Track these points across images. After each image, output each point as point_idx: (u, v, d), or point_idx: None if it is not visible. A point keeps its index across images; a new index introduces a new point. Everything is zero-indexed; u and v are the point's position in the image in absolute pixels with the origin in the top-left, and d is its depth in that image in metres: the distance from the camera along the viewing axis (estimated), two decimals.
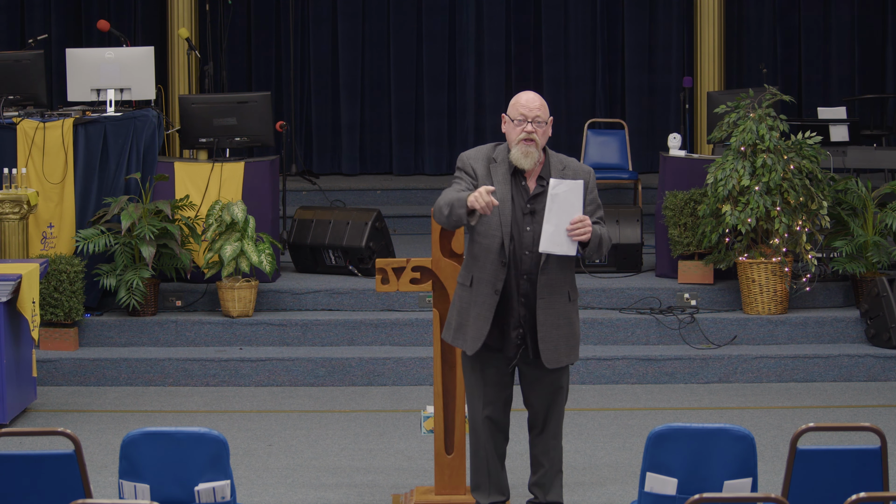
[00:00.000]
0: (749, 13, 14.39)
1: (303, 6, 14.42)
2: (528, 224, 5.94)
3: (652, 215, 11.27)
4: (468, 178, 6.00)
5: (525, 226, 5.95)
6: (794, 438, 4.92)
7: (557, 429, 6.16)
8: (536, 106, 5.98)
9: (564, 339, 6.02)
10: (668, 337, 9.86)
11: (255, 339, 9.87)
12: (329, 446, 8.07)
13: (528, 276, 5.95)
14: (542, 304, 5.94)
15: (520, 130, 5.95)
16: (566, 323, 6.02)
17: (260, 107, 10.65)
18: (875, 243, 10.03)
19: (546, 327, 5.96)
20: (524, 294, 5.96)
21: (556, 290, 5.96)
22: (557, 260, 5.92)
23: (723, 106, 10.10)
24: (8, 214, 9.55)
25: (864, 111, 14.13)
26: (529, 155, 5.94)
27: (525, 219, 5.95)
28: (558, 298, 5.98)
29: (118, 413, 8.87)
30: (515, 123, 5.97)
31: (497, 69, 14.43)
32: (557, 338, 5.99)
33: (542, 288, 5.94)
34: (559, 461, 6.20)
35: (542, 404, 6.13)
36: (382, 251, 10.54)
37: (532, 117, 5.95)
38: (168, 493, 5.03)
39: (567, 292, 6.02)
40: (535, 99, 6.00)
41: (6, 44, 13.88)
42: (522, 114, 5.96)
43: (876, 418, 8.50)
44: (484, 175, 5.98)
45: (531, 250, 5.93)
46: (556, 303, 5.97)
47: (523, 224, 5.95)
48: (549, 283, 5.94)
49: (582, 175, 6.02)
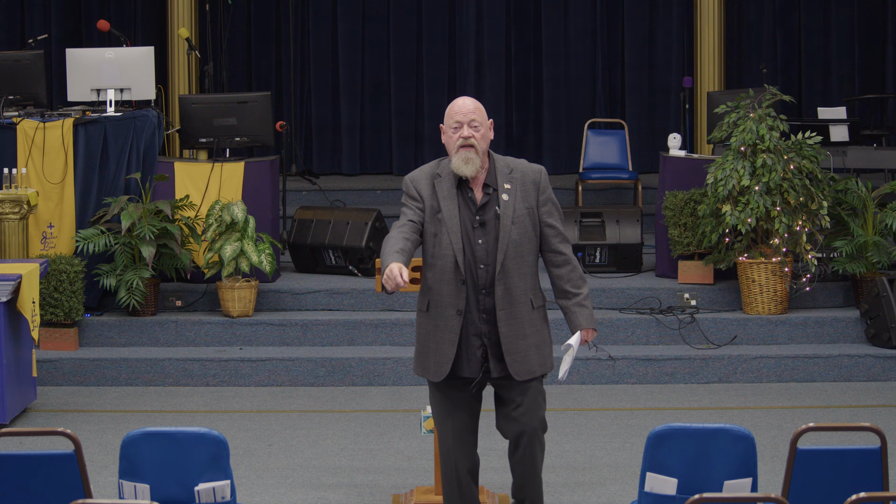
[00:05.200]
0: (749, 13, 14.39)
1: (303, 6, 14.42)
2: (480, 237, 5.71)
3: (652, 215, 11.27)
4: (414, 202, 5.77)
5: (476, 239, 5.71)
6: (794, 438, 4.92)
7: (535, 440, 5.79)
8: (470, 109, 5.73)
9: (535, 347, 5.77)
10: (668, 337, 9.86)
11: (255, 339, 9.87)
12: (329, 446, 8.07)
13: (485, 290, 5.71)
14: (503, 315, 5.70)
15: (457, 137, 5.70)
16: (533, 332, 5.77)
17: (260, 107, 10.65)
18: (875, 243, 10.03)
19: (510, 339, 5.71)
20: (484, 310, 5.73)
21: (517, 299, 5.72)
22: (515, 268, 5.72)
23: (723, 106, 10.11)
24: (8, 214, 9.55)
25: (864, 111, 14.13)
26: (470, 161, 5.69)
27: (476, 232, 5.72)
28: (520, 308, 5.73)
29: (118, 413, 8.87)
30: (452, 132, 5.73)
31: (497, 69, 14.43)
32: (526, 348, 5.74)
33: (500, 299, 5.70)
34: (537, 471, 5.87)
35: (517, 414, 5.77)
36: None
37: (467, 122, 5.70)
38: (168, 493, 5.03)
39: (529, 300, 5.76)
40: (469, 102, 5.76)
41: (6, 44, 13.88)
42: (457, 120, 5.71)
43: (876, 418, 8.50)
44: (429, 195, 5.75)
45: (485, 263, 5.70)
46: (518, 313, 5.73)
47: (474, 238, 5.71)
48: (507, 294, 5.70)
49: (532, 175, 5.81)
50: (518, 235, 5.74)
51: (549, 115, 14.40)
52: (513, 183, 5.77)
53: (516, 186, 5.78)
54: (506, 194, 5.75)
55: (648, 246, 10.99)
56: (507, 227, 5.72)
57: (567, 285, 5.84)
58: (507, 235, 5.72)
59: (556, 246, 5.84)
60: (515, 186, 5.78)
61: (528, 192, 5.79)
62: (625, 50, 14.46)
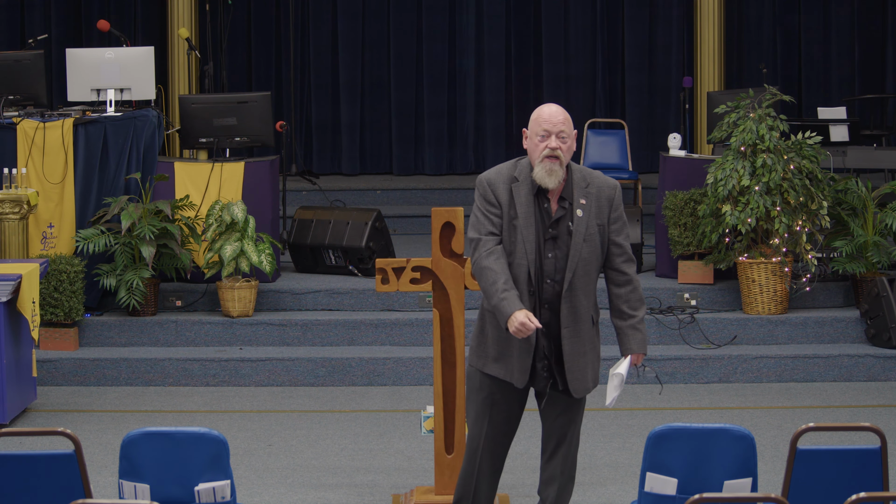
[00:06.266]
0: (749, 13, 14.40)
1: (303, 6, 14.42)
2: (550, 251, 5.60)
3: (652, 215, 11.26)
4: (492, 209, 5.62)
5: (546, 252, 5.60)
6: (794, 438, 4.92)
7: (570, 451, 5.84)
8: (560, 120, 5.60)
9: (591, 364, 5.73)
10: (668, 337, 9.86)
11: (255, 339, 9.87)
12: (329, 446, 8.07)
13: (549, 304, 5.62)
14: (567, 333, 5.63)
15: (543, 147, 5.57)
16: (591, 349, 5.72)
17: (260, 107, 10.65)
18: (875, 243, 10.03)
19: (573, 357, 5.64)
20: (545, 324, 5.61)
21: (580, 317, 5.64)
22: (581, 286, 5.63)
23: (723, 106, 10.10)
24: (8, 214, 9.55)
25: (864, 111, 14.14)
26: (554, 173, 5.57)
27: (547, 245, 5.60)
28: (583, 326, 5.65)
29: (118, 413, 8.87)
30: (538, 140, 5.59)
31: (497, 69, 14.43)
32: (584, 365, 5.69)
33: (565, 317, 5.61)
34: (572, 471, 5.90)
35: (558, 427, 5.81)
36: (382, 251, 10.54)
37: (556, 132, 5.57)
38: (168, 493, 5.03)
39: (591, 317, 5.69)
40: (559, 113, 5.63)
41: (6, 44, 13.88)
42: (545, 129, 5.58)
43: (876, 418, 8.50)
44: (507, 201, 5.61)
45: (553, 278, 5.60)
46: (580, 331, 5.65)
47: (545, 251, 5.60)
48: (572, 312, 5.62)
49: (607, 191, 5.69)
50: (588, 254, 5.64)
51: None
52: (588, 198, 5.65)
53: (591, 202, 5.66)
54: (580, 210, 5.63)
55: (648, 246, 10.99)
56: (578, 244, 5.62)
57: (624, 306, 5.76)
58: (578, 253, 5.62)
59: (621, 266, 5.74)
60: (590, 202, 5.66)
61: (601, 208, 5.68)
62: (625, 50, 14.46)
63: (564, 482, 5.90)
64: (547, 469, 5.87)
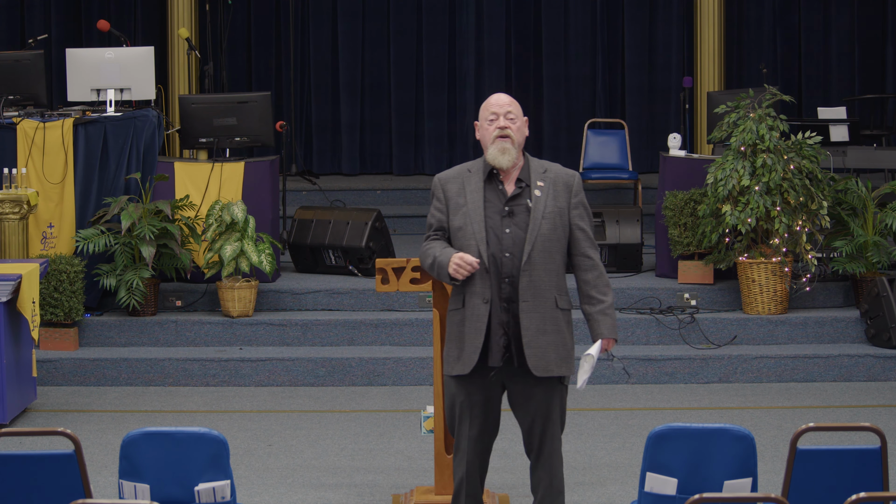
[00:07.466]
0: (749, 13, 14.39)
1: (303, 6, 14.42)
2: (508, 226, 5.70)
3: (652, 215, 11.27)
4: (437, 204, 5.81)
5: (504, 228, 5.70)
6: (794, 438, 4.92)
7: (553, 452, 5.83)
8: (506, 102, 5.78)
9: (553, 346, 5.71)
10: (668, 337, 9.87)
11: (255, 339, 9.87)
12: (329, 446, 8.07)
13: (509, 279, 5.68)
14: (526, 307, 5.67)
15: (493, 129, 5.74)
16: (554, 329, 5.72)
17: (260, 107, 10.65)
18: (875, 243, 10.03)
19: (531, 332, 5.67)
20: (506, 299, 5.69)
21: (541, 293, 5.68)
22: (541, 262, 5.71)
23: (723, 106, 10.11)
24: (8, 214, 9.55)
25: (864, 111, 14.14)
26: (506, 151, 5.71)
27: (504, 221, 5.71)
28: (543, 303, 5.69)
29: (118, 413, 8.87)
30: (488, 123, 5.77)
31: (497, 69, 14.43)
32: (545, 344, 5.69)
33: (524, 290, 5.67)
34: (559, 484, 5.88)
35: (535, 424, 5.80)
36: (382, 251, 10.54)
37: (503, 113, 5.74)
38: (168, 493, 5.03)
39: (554, 297, 5.72)
40: (504, 97, 5.81)
41: (6, 44, 13.88)
42: (493, 111, 5.76)
43: (876, 418, 8.50)
44: (456, 192, 5.76)
45: (511, 251, 5.68)
46: (540, 307, 5.69)
47: (501, 227, 5.70)
48: (532, 286, 5.67)
49: (565, 178, 5.81)
50: (548, 230, 5.72)
51: (549, 115, 14.40)
52: (546, 182, 5.77)
53: (549, 186, 5.78)
54: (538, 190, 5.75)
55: (648, 246, 10.99)
56: (537, 219, 5.72)
57: (592, 291, 5.82)
58: (537, 228, 5.71)
59: (585, 250, 5.81)
60: (548, 185, 5.78)
61: (559, 192, 5.78)
62: (625, 50, 14.46)
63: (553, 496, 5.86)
64: (534, 474, 5.88)
